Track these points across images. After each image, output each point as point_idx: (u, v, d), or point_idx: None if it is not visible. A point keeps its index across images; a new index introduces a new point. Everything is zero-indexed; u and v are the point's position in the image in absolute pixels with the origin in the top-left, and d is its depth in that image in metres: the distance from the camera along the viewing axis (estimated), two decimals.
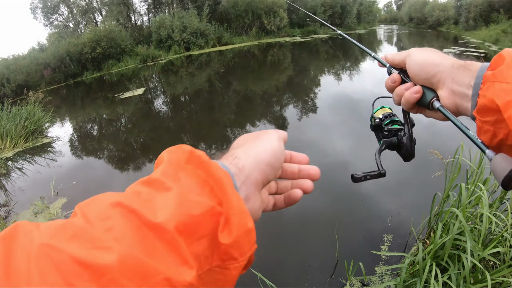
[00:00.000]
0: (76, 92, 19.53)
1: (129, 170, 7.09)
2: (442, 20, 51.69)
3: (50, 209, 5.43)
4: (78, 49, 24.07)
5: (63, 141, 9.68)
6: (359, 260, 3.37)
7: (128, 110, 12.23)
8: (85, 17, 34.05)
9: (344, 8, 40.05)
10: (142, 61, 26.32)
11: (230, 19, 32.45)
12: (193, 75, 17.76)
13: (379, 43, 31.60)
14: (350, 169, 5.72)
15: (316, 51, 24.05)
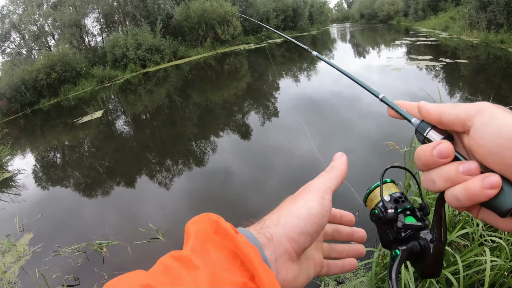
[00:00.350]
0: (35, 120, 19.23)
1: (97, 196, 7.14)
2: (392, 13, 53.23)
3: (17, 247, 5.42)
4: (33, 76, 23.64)
5: (26, 173, 9.61)
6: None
7: (90, 134, 12.22)
8: (37, 42, 33.42)
9: (295, 11, 40.68)
10: (99, 83, 26.04)
11: (184, 32, 32.49)
12: (152, 92, 17.80)
13: (333, 41, 32.30)
14: (318, 168, 5.94)
15: (272, 55, 24.37)
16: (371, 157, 6.11)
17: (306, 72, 16.61)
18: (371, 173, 5.37)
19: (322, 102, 10.45)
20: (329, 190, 0.58)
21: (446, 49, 17.78)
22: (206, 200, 5.79)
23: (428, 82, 10.44)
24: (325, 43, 30.70)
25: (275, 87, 13.84)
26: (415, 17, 37.63)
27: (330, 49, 25.68)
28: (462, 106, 0.49)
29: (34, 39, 33.12)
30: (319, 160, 6.36)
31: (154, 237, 4.75)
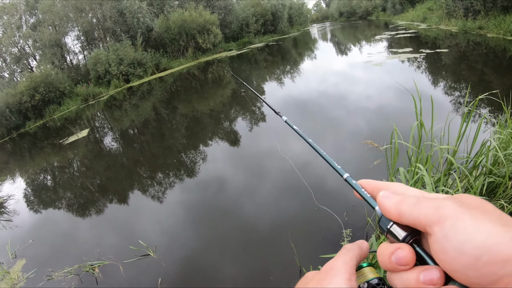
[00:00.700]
0: (22, 144, 19.14)
1: (88, 216, 7.13)
2: (371, 9, 54.01)
3: (10, 274, 5.42)
4: (17, 99, 23.57)
5: (16, 198, 9.61)
6: (322, 262, 3.46)
7: (78, 153, 12.22)
8: (19, 64, 33.25)
9: (275, 15, 40.98)
10: (84, 101, 25.98)
11: (165, 44, 32.57)
12: (137, 106, 17.80)
13: (315, 41, 32.44)
14: (310, 170, 6.02)
15: (254, 60, 24.49)
16: (354, 156, 6.21)
17: (290, 74, 16.72)
18: (354, 173, 5.43)
19: (307, 103, 10.57)
20: (353, 270, 0.52)
21: (426, 40, 18.01)
22: (193, 213, 5.84)
23: (410, 75, 10.57)
24: (306, 44, 30.91)
25: (261, 91, 13.91)
26: (393, 10, 38.15)
27: (312, 50, 25.86)
28: (423, 207, 0.44)
29: (16, 61, 32.95)
30: (312, 162, 6.46)
31: (145, 254, 4.80)
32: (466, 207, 0.40)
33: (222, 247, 4.59)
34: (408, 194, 0.50)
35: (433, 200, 0.43)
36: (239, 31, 38.33)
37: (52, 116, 24.17)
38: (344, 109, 9.13)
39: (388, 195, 0.50)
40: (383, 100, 9.06)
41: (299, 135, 1.06)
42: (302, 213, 4.84)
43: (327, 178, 5.53)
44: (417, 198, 0.46)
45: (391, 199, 0.49)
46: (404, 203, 0.46)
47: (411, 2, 33.45)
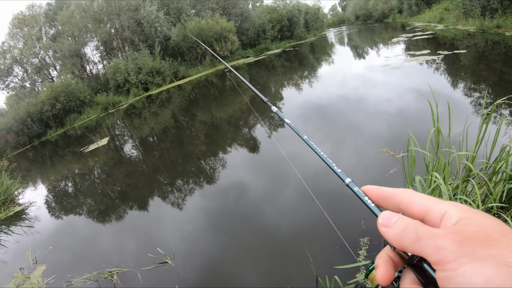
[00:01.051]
0: (43, 152, 19.38)
1: (108, 223, 7.11)
2: (387, 11, 53.63)
3: (31, 279, 5.42)
4: (38, 108, 23.97)
5: (38, 205, 9.66)
6: (339, 272, 3.43)
7: (99, 161, 12.28)
8: (40, 75, 33.86)
9: (291, 20, 40.98)
10: (104, 110, 26.34)
11: (183, 52, 32.76)
12: (157, 114, 17.86)
13: (331, 46, 32.29)
14: (330, 177, 5.96)
15: (272, 66, 24.43)
16: (371, 163, 6.07)
17: (307, 79, 16.62)
18: (369, 181, 5.32)
19: (325, 108, 10.43)
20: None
21: (443, 41, 17.67)
22: (211, 222, 5.76)
23: (428, 77, 10.37)
24: (323, 49, 30.76)
25: (279, 97, 13.83)
26: (410, 12, 37.85)
27: (329, 54, 25.71)
28: (423, 245, 0.42)
29: (37, 72, 33.58)
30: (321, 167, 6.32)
31: (162, 262, 4.75)
32: (469, 245, 0.39)
33: (239, 255, 4.50)
34: (408, 222, 0.46)
35: (434, 238, 0.41)
36: (256, 37, 38.41)
37: (73, 124, 24.54)
38: (361, 114, 8.96)
39: (387, 224, 0.48)
40: (401, 104, 8.88)
41: (292, 129, 1.02)
42: (318, 220, 4.72)
43: (331, 189, 5.42)
44: (416, 234, 0.43)
45: (391, 232, 0.47)
46: (404, 240, 0.44)
47: (427, 3, 33.10)
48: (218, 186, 7.10)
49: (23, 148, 23.10)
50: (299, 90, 14.46)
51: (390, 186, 0.54)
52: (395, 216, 0.48)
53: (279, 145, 8.23)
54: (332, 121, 9.08)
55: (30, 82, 34.30)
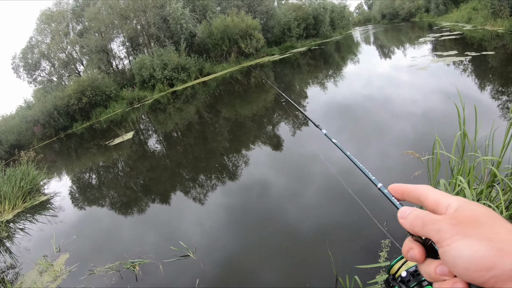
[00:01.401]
0: (69, 144, 19.64)
1: (127, 215, 7.12)
2: (414, 10, 52.79)
3: (54, 267, 5.44)
4: (65, 102, 24.32)
5: (62, 196, 9.76)
6: (359, 272, 3.36)
7: (123, 154, 12.33)
8: (67, 69, 34.39)
9: (316, 18, 40.70)
10: (129, 104, 26.64)
11: (208, 49, 32.85)
12: (181, 109, 17.88)
13: (357, 45, 31.94)
14: (355, 179, 5.80)
15: (297, 65, 24.26)
16: (394, 166, 5.87)
17: (332, 78, 16.39)
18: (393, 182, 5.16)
19: (350, 108, 10.22)
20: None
21: (471, 42, 17.11)
22: (234, 216, 5.66)
23: (455, 79, 10.06)
24: (349, 48, 30.44)
25: (304, 96, 13.65)
26: (437, 11, 37.16)
27: (355, 53, 25.38)
28: (428, 229, 0.53)
29: (64, 66, 34.11)
30: (355, 168, 6.18)
31: (184, 255, 4.68)
32: (461, 226, 0.50)
33: (260, 252, 4.39)
34: (418, 212, 0.57)
35: (435, 223, 0.52)
36: (281, 35, 38.24)
37: (98, 118, 24.85)
38: (387, 114, 8.69)
39: (403, 216, 0.59)
40: (427, 105, 8.56)
41: (338, 147, 1.17)
42: (341, 220, 4.60)
43: (368, 187, 5.26)
44: (423, 221, 0.54)
45: (406, 221, 0.58)
46: (415, 226, 0.56)
47: (455, 2, 32.40)
48: (240, 183, 7.01)
49: (49, 140, 23.50)
50: (323, 89, 14.25)
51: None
52: (409, 209, 0.59)
53: (321, 155, 8.10)
54: (357, 121, 8.86)
55: (57, 76, 34.88)
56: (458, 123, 3.60)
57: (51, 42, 33.75)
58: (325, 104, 11.25)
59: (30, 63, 34.12)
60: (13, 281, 5.48)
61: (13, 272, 5.86)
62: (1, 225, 8.15)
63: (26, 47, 34.51)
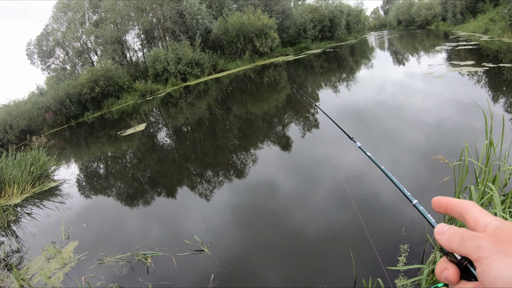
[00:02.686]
0: (79, 132, 19.68)
1: (139, 206, 7.05)
2: (430, 18, 52.31)
3: (62, 254, 5.40)
4: (77, 90, 24.40)
5: (71, 183, 9.73)
6: (378, 276, 3.30)
7: (132, 146, 12.29)
8: (81, 58, 34.55)
9: (332, 21, 40.46)
10: (141, 96, 26.68)
11: (223, 46, 32.82)
12: (193, 104, 17.84)
13: (372, 50, 31.74)
14: (364, 182, 5.71)
15: (311, 66, 24.14)
16: (421, 172, 5.75)
17: (345, 82, 16.24)
18: (422, 189, 5.06)
19: (365, 112, 10.07)
20: None
21: (487, 53, 16.88)
22: (250, 213, 5.58)
23: (473, 89, 9.89)
24: (363, 52, 30.23)
25: (316, 98, 13.54)
26: (454, 20, 36.75)
27: (369, 58, 25.19)
28: (466, 247, 0.51)
29: (78, 55, 34.26)
30: (367, 173, 6.09)
31: (199, 249, 4.60)
32: (502, 245, 0.47)
33: (277, 250, 4.31)
34: (456, 229, 0.56)
35: (475, 240, 0.50)
36: (297, 36, 38.12)
37: (110, 108, 24.94)
38: (406, 122, 8.57)
39: (440, 232, 0.59)
40: (447, 114, 8.39)
41: (373, 161, 1.16)
42: (358, 223, 4.49)
43: (385, 192, 5.16)
44: (462, 237, 0.53)
45: (443, 238, 0.58)
46: (452, 243, 0.55)
47: (473, 12, 32.07)
48: (257, 181, 6.92)
49: (60, 127, 23.55)
50: (336, 92, 14.12)
51: (443, 193, 0.61)
52: (447, 226, 0.59)
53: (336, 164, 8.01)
54: (374, 126, 8.73)
55: (70, 64, 35.03)
56: (485, 132, 3.56)
57: (67, 30, 33.91)
58: (337, 107, 11.17)
59: (45, 50, 34.29)
60: (19, 266, 5.44)
61: (19, 257, 5.83)
62: (9, 209, 8.13)
63: (42, 34, 34.70)
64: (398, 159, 6.37)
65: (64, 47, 34.53)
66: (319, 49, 35.18)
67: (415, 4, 58.58)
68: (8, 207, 8.27)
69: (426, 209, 0.78)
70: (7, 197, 9.20)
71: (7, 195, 9.27)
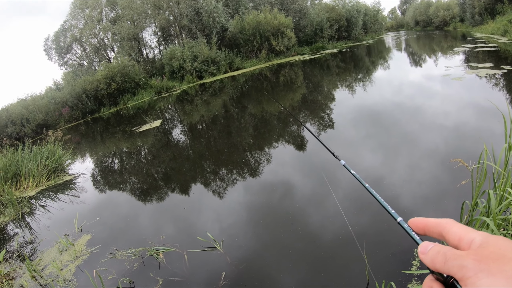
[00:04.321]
0: (95, 127, 19.83)
1: (152, 201, 7.04)
2: (448, 19, 51.70)
3: (75, 246, 5.42)
4: (94, 86, 24.62)
5: (85, 177, 9.77)
6: (391, 279, 3.26)
7: (147, 142, 12.32)
8: (98, 55, 34.87)
9: (349, 21, 40.27)
10: (157, 93, 26.84)
11: (239, 44, 32.84)
12: (208, 102, 17.85)
13: (389, 50, 31.44)
14: (381, 185, 5.62)
15: (327, 66, 24.01)
16: (439, 174, 5.62)
17: (362, 82, 16.08)
18: (439, 192, 4.95)
19: (382, 114, 9.92)
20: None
21: (506, 55, 16.50)
22: (263, 212, 5.50)
23: (490, 92, 9.66)
24: (380, 53, 29.96)
25: (331, 98, 13.44)
26: (472, 22, 36.21)
27: (385, 59, 24.96)
28: (450, 265, 0.50)
29: (95, 52, 34.58)
30: (385, 176, 6.00)
31: (211, 247, 4.57)
32: (486, 263, 0.46)
33: (288, 250, 4.24)
34: (439, 248, 0.55)
35: (458, 259, 0.49)
36: (313, 35, 37.99)
37: (126, 104, 25.11)
38: (423, 123, 8.38)
39: (423, 251, 0.57)
40: (465, 117, 8.20)
41: (357, 179, 1.14)
42: (372, 226, 4.41)
43: (401, 195, 5.06)
44: (445, 257, 0.52)
45: (426, 257, 0.56)
46: (436, 263, 0.53)
47: (491, 14, 31.55)
48: (271, 180, 6.84)
49: (76, 122, 23.81)
50: (352, 93, 13.97)
51: (461, 196, 0.93)
52: (431, 245, 0.57)
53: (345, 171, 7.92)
54: (389, 128, 8.60)
55: (87, 60, 35.38)
56: (504, 135, 3.51)
57: (84, 27, 34.28)
58: (354, 108, 11.03)
59: (62, 46, 34.69)
60: (32, 257, 5.46)
61: (32, 248, 5.87)
62: (23, 201, 8.19)
63: (59, 30, 35.15)
64: (415, 161, 6.25)
65: (82, 43, 34.89)
66: (335, 49, 34.98)
67: (433, 5, 57.94)
68: (23, 199, 8.35)
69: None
70: (22, 190, 9.27)
71: (22, 188, 9.34)
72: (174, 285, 4.04)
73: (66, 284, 4.43)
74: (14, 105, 25.08)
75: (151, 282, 4.15)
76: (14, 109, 24.03)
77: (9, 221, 7.41)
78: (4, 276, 4.92)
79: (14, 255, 5.72)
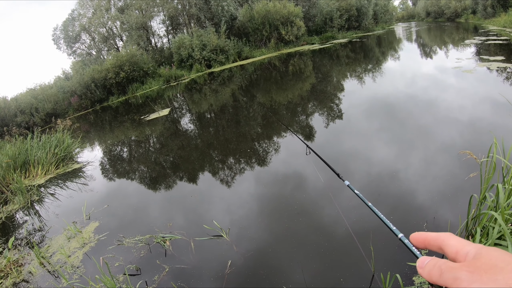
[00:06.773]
0: (104, 116, 19.89)
1: (161, 190, 7.04)
2: (460, 11, 50.90)
3: (83, 234, 5.44)
4: (102, 75, 24.69)
5: (94, 165, 9.80)
6: (396, 271, 3.24)
7: (156, 130, 12.31)
8: (106, 44, 34.87)
9: (360, 11, 39.76)
10: (166, 82, 26.85)
11: (248, 33, 32.70)
12: (217, 91, 17.81)
13: (399, 41, 31.11)
14: (394, 178, 5.56)
15: (336, 56, 23.82)
16: (448, 166, 5.52)
17: (371, 73, 15.92)
18: (448, 184, 4.88)
19: (394, 105, 9.81)
20: None
21: None
22: (270, 202, 5.45)
23: (501, 86, 9.44)
24: (390, 43, 29.64)
25: (340, 88, 13.30)
26: (484, 14, 35.69)
27: (396, 49, 24.70)
28: (445, 278, 0.52)
29: (103, 41, 34.60)
30: (399, 170, 5.93)
31: (217, 235, 4.56)
32: (478, 274, 0.48)
33: (293, 241, 4.21)
34: (436, 261, 0.57)
35: (452, 271, 0.51)
36: (323, 25, 37.67)
37: (135, 93, 25.19)
38: (434, 116, 8.25)
39: (421, 266, 0.59)
40: (475, 109, 8.00)
41: (360, 198, 1.26)
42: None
43: (407, 189, 4.99)
44: (440, 270, 0.54)
45: (424, 271, 0.58)
46: (433, 276, 0.55)
47: (504, 6, 31.04)
48: (279, 170, 6.78)
49: (84, 111, 23.94)
50: (362, 83, 13.81)
51: (469, 189, 0.98)
52: (428, 259, 0.59)
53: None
54: (402, 120, 8.49)
55: (96, 50, 35.44)
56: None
57: (93, 16, 34.28)
58: (365, 99, 10.89)
59: (71, 35, 34.74)
60: (41, 244, 5.50)
61: (41, 235, 5.91)
62: (32, 189, 8.22)
63: (68, 20, 35.20)
64: (425, 152, 6.18)
65: (90, 32, 34.93)
66: (345, 39, 34.69)
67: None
68: (32, 187, 8.38)
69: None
70: (31, 178, 9.31)
71: (32, 176, 9.39)
72: (180, 272, 4.04)
73: (73, 270, 4.44)
74: (23, 95, 25.32)
75: (158, 269, 4.14)
76: (23, 98, 24.26)
77: (19, 209, 7.45)
78: (13, 263, 4.95)
79: (23, 242, 5.76)
